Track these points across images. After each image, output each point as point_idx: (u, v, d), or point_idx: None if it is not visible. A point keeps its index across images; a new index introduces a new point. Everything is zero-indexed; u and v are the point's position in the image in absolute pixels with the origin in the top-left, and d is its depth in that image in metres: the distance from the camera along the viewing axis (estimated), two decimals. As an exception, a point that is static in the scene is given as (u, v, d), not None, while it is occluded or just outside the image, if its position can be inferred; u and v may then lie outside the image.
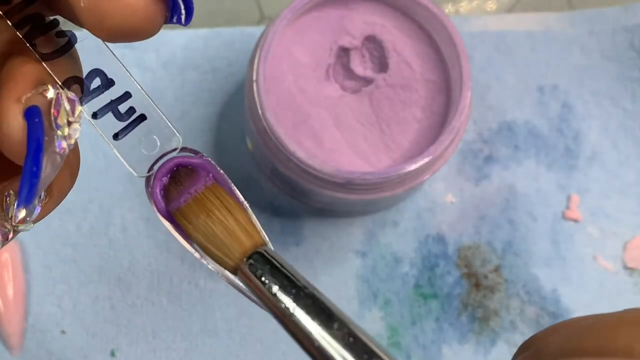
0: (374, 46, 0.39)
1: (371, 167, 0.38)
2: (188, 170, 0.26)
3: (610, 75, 0.47)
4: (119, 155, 0.23)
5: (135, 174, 0.24)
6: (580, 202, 0.45)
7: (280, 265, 0.24)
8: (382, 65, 0.39)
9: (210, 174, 0.26)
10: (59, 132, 0.19)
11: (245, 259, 0.24)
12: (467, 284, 0.44)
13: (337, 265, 0.44)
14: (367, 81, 0.39)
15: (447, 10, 0.49)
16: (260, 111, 0.37)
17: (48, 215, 0.22)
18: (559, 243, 0.45)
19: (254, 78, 0.37)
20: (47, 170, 0.19)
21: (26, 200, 0.19)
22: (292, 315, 0.23)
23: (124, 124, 0.23)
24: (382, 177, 0.36)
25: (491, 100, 0.46)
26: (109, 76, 0.22)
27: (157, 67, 0.46)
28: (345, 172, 0.36)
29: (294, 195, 0.43)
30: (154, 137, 0.24)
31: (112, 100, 0.22)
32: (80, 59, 0.22)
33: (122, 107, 0.23)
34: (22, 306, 0.43)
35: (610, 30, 0.47)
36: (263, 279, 0.24)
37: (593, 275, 0.45)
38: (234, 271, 0.25)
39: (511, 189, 0.45)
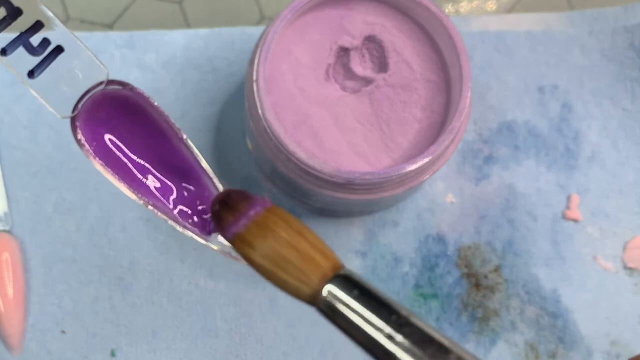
0: (374, 46, 0.39)
1: (371, 167, 0.38)
2: (240, 193, 0.23)
3: (610, 75, 0.47)
4: (37, 96, 0.20)
5: (59, 116, 0.22)
6: (580, 202, 0.45)
7: (371, 289, 0.21)
8: (382, 65, 0.39)
9: (265, 199, 0.23)
10: None
11: (325, 284, 0.21)
12: (467, 284, 0.44)
13: (337, 265, 0.44)
14: (367, 81, 0.39)
15: (447, 10, 0.49)
16: (260, 111, 0.37)
17: (48, 215, 0.20)
18: (559, 243, 0.45)
19: (254, 78, 0.37)
20: None
21: None
22: (394, 348, 0.19)
23: (38, 59, 0.20)
24: (382, 177, 0.36)
25: (491, 100, 0.46)
26: (15, 4, 0.19)
27: (157, 67, 0.46)
28: (345, 172, 0.36)
29: (294, 195, 0.43)
30: (76, 71, 0.21)
31: (21, 33, 0.20)
32: None
33: (35, 40, 0.20)
34: (22, 306, 0.43)
35: (610, 30, 0.47)
36: (352, 306, 0.20)
37: (593, 275, 0.45)
38: (311, 300, 0.21)
39: (511, 189, 0.45)
